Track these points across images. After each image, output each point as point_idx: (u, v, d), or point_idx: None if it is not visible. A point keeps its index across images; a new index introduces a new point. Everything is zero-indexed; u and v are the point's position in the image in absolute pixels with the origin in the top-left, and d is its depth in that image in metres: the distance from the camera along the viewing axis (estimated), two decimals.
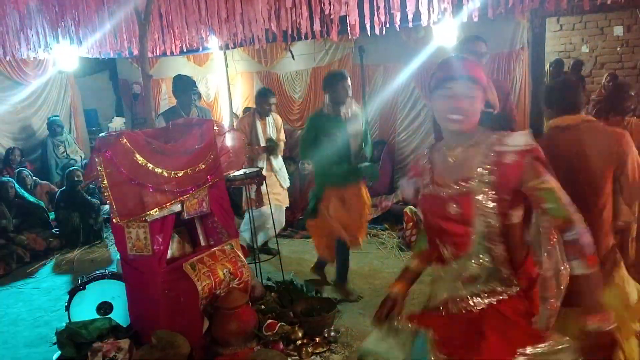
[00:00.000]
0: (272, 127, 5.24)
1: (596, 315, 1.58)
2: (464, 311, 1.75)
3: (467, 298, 1.75)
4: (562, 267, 1.62)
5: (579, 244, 1.60)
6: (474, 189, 1.67)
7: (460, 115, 1.67)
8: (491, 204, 1.65)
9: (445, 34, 5.74)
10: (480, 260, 1.70)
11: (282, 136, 5.37)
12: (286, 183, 5.38)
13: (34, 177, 7.07)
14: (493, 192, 1.65)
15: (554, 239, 1.63)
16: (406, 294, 1.98)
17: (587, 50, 8.18)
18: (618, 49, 7.99)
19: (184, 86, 4.66)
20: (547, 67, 7.31)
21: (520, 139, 1.66)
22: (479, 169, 1.67)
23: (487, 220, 1.66)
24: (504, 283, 1.72)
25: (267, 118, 5.22)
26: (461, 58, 1.79)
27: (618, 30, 7.90)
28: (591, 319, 1.58)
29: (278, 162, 5.28)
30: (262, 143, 5.15)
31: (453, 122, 1.69)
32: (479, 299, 1.73)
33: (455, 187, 1.71)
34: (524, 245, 1.75)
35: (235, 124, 5.09)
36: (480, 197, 1.65)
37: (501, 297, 1.72)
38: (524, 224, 1.74)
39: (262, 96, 5.19)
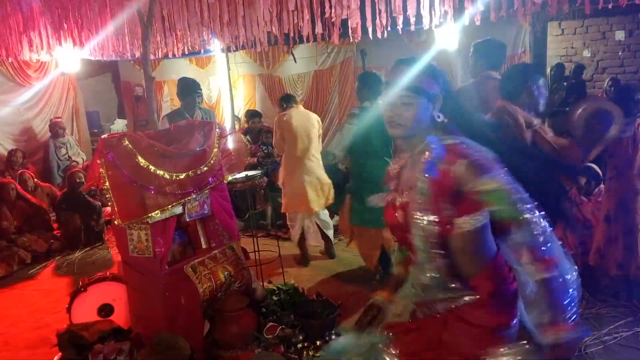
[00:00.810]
0: None
1: (553, 327, 1.47)
2: (427, 315, 1.75)
3: (428, 302, 1.73)
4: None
5: (529, 247, 1.53)
6: (412, 198, 1.65)
7: (398, 123, 1.65)
8: (426, 215, 1.59)
9: (447, 37, 5.75)
10: (427, 270, 1.67)
11: None
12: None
13: (36, 179, 7.08)
14: (429, 202, 1.59)
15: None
16: (391, 301, 1.93)
17: (589, 55, 8.18)
18: (620, 53, 7.98)
19: (189, 89, 4.68)
20: (548, 71, 7.31)
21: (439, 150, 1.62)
22: (419, 178, 1.63)
23: (422, 232, 1.61)
24: (456, 293, 1.66)
25: None
26: (405, 63, 1.71)
27: (620, 35, 7.90)
28: (548, 330, 1.48)
29: None
30: None
31: (391, 130, 1.68)
32: (439, 303, 1.70)
33: (403, 194, 1.70)
34: (480, 255, 1.65)
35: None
36: (415, 207, 1.62)
37: (458, 304, 1.66)
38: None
39: (286, 101, 5.22)
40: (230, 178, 4.11)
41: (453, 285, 1.65)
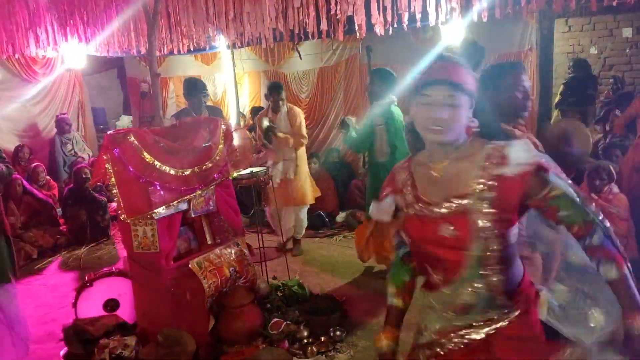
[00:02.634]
0: (285, 120, 5.21)
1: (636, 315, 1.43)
2: (461, 345, 1.55)
3: (463, 329, 1.55)
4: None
5: (604, 247, 1.47)
6: (471, 207, 1.47)
7: (439, 125, 1.47)
8: (491, 224, 1.45)
9: (453, 34, 5.72)
10: (475, 287, 1.51)
11: (298, 129, 5.21)
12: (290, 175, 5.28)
13: (47, 176, 7.10)
14: (493, 211, 1.45)
15: None
16: (397, 343, 1.73)
17: (596, 52, 8.12)
18: (627, 50, 7.92)
19: (195, 89, 4.71)
20: (554, 68, 7.23)
21: (522, 154, 1.45)
22: (476, 185, 1.47)
23: (487, 244, 1.46)
24: (501, 310, 1.53)
25: (279, 113, 5.20)
26: (443, 59, 1.55)
27: (627, 32, 7.83)
28: (636, 320, 1.43)
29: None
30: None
31: (433, 133, 1.50)
32: (476, 329, 1.54)
33: (447, 205, 1.50)
34: (519, 264, 1.59)
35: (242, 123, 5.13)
36: (478, 216, 1.46)
37: (499, 325, 1.53)
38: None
39: (269, 92, 5.26)
40: (235, 174, 4.12)
41: (499, 302, 1.53)
